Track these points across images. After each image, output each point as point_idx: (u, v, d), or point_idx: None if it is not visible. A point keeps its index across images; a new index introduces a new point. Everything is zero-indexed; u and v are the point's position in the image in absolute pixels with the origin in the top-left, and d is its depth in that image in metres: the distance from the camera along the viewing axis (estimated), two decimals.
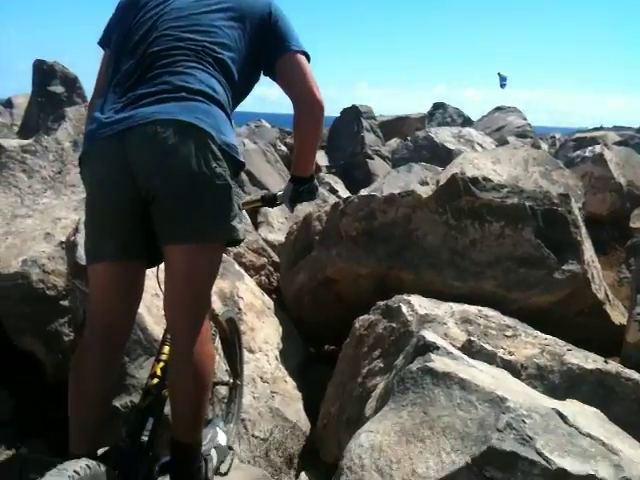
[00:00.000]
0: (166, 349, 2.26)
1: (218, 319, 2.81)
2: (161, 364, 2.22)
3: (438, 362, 2.30)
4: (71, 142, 5.40)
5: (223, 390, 3.16)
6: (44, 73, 15.12)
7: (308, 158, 2.37)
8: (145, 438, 2.04)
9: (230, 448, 2.57)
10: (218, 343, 2.92)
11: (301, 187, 2.39)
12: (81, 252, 3.62)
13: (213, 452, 2.34)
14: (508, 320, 3.34)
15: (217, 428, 2.55)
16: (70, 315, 4.00)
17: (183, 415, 2.07)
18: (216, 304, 3.56)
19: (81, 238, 3.70)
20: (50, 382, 4.09)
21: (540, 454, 1.90)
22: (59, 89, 15.07)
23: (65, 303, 4.07)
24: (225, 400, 3.12)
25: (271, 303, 4.56)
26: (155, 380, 2.17)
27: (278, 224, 6.60)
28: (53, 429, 3.90)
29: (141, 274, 2.19)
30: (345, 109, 13.60)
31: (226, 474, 2.43)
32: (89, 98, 2.49)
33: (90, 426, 2.04)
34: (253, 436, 3.39)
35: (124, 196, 2.00)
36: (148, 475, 2.04)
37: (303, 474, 3.41)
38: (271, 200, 2.54)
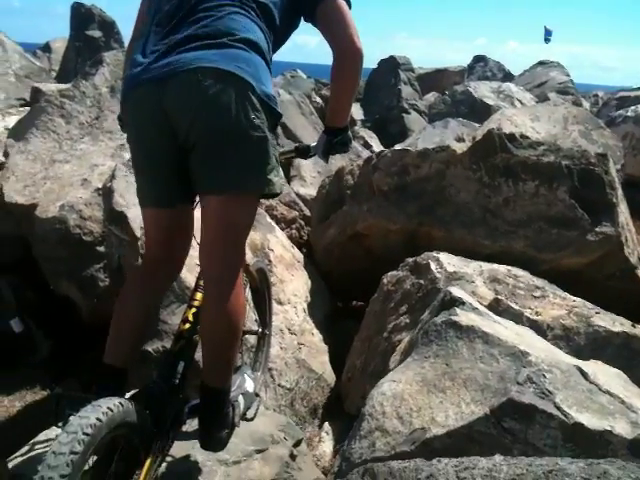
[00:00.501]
0: (198, 296, 2.30)
1: (249, 269, 2.85)
2: (193, 310, 2.26)
3: (463, 316, 2.32)
4: (108, 87, 5.43)
5: (252, 339, 3.22)
6: (82, 16, 15.12)
7: (344, 108, 2.34)
8: (176, 381, 2.10)
9: (257, 395, 2.63)
10: (248, 293, 2.97)
11: (335, 138, 2.37)
12: (117, 198, 3.68)
13: (240, 398, 2.37)
14: (537, 281, 3.32)
15: (245, 375, 2.59)
16: (105, 261, 4.09)
17: (213, 360, 2.12)
18: (247, 255, 3.62)
19: (117, 184, 3.76)
20: (85, 325, 4.22)
21: (558, 408, 1.93)
22: (97, 33, 15.09)
23: (101, 249, 4.17)
24: (253, 349, 3.19)
25: (301, 256, 4.60)
26: (187, 325, 2.22)
27: (310, 178, 6.59)
28: (87, 370, 4.04)
29: (189, 213, 2.25)
30: (383, 60, 13.36)
31: (252, 420, 2.50)
32: (126, 43, 2.49)
33: (127, 343, 2.15)
34: (279, 385, 3.47)
35: (162, 143, 2.03)
36: (177, 416, 2.11)
37: (326, 424, 3.49)
38: (305, 151, 2.52)
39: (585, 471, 1.31)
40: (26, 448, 2.58)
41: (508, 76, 16.98)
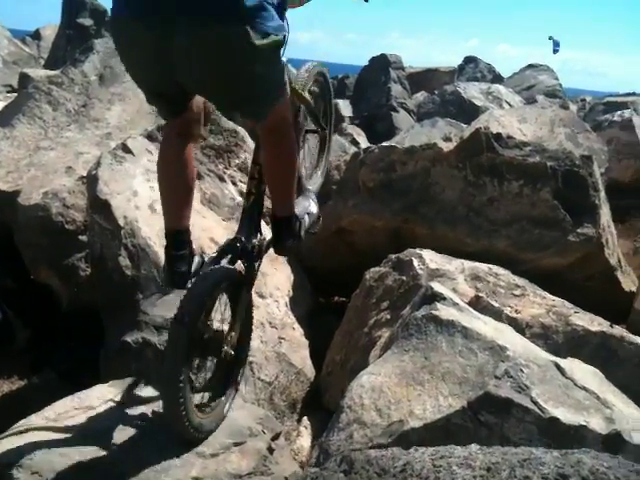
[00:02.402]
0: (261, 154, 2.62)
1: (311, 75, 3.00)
2: (258, 167, 2.63)
3: (443, 311, 2.35)
4: (97, 76, 5.39)
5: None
6: (73, 4, 14.98)
7: None
8: (253, 225, 2.64)
9: (319, 218, 2.99)
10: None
11: None
12: (102, 186, 3.65)
13: (306, 217, 2.80)
14: (518, 280, 3.35)
15: (310, 200, 2.97)
16: (87, 251, 4.07)
17: (277, 195, 2.57)
18: None
19: (102, 172, 3.72)
20: (65, 314, 4.20)
21: (535, 402, 1.96)
22: (88, 22, 14.95)
23: (83, 238, 4.14)
24: (317, 149, 3.42)
25: None
26: (254, 181, 2.65)
27: None
28: (65, 360, 4.02)
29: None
30: (374, 58, 13.33)
31: (314, 234, 2.93)
32: None
33: (178, 204, 2.49)
34: (259, 379, 3.44)
35: (163, 74, 2.16)
36: (259, 252, 2.68)
37: (305, 419, 3.49)
38: None
39: (559, 460, 1.33)
40: (5, 435, 2.57)
41: (498, 78, 17.00)
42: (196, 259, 2.53)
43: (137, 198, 3.60)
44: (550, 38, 20.05)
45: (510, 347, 2.15)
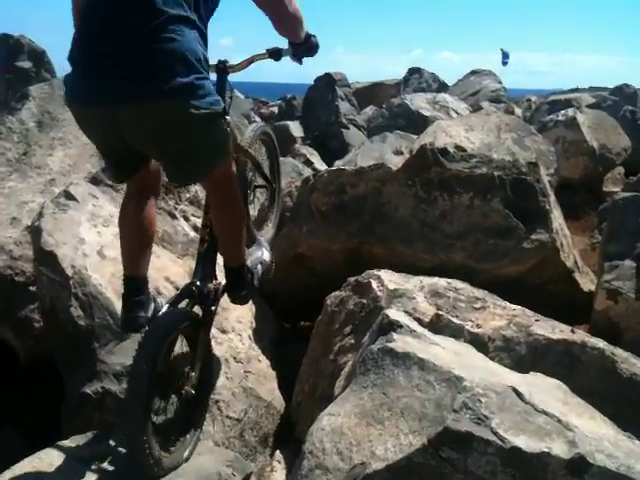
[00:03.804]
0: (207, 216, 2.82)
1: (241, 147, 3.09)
2: (209, 215, 2.78)
3: (399, 342, 2.30)
4: (35, 122, 5.31)
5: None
6: (10, 48, 14.73)
7: (289, 28, 2.64)
8: (208, 270, 2.78)
9: (272, 263, 3.21)
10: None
11: (297, 50, 2.79)
12: (46, 238, 3.55)
13: (259, 267, 2.96)
14: (477, 292, 3.34)
15: (263, 248, 3.14)
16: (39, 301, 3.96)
17: (226, 248, 2.74)
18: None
19: (45, 223, 3.62)
20: (23, 369, 4.07)
21: (495, 433, 1.92)
22: (27, 64, 14.70)
23: (34, 289, 4.04)
24: (266, 203, 3.70)
25: None
26: (207, 229, 2.80)
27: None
28: (26, 416, 3.88)
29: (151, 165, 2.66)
30: (319, 77, 13.43)
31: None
32: (58, 73, 2.72)
33: (135, 253, 2.59)
34: (227, 417, 3.37)
35: (116, 146, 2.40)
36: (215, 297, 2.79)
37: (278, 452, 3.42)
38: (277, 53, 2.81)
39: None
40: None
41: (443, 86, 17.25)
42: (152, 305, 2.61)
43: (85, 246, 3.50)
44: (501, 50, 20.46)
45: (467, 377, 2.10)
